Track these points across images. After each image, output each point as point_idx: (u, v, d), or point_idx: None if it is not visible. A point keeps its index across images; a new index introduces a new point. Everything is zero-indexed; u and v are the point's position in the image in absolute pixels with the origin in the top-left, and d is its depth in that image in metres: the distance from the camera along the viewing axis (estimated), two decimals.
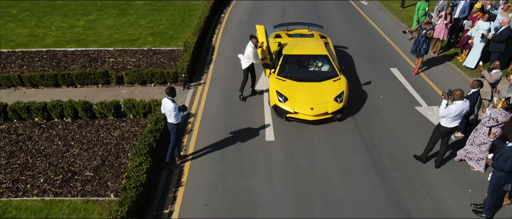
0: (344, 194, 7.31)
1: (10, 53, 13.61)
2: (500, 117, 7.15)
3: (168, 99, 7.46)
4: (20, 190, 7.35)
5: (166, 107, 7.50)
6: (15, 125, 9.41)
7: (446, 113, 7.33)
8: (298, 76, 10.04)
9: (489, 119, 7.27)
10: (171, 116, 7.51)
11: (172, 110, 7.40)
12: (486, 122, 7.33)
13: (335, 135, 9.12)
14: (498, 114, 7.17)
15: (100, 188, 7.42)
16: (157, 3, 20.23)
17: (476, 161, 7.84)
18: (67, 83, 11.40)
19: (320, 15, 18.42)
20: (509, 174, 6.18)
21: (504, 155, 6.13)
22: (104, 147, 8.62)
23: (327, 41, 12.18)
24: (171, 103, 7.40)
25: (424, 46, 11.35)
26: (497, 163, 6.25)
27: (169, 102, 7.43)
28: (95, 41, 14.85)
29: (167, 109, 7.50)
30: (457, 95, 7.25)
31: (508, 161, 6.03)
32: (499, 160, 6.21)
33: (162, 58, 13.09)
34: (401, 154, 8.43)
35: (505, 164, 6.08)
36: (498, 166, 6.21)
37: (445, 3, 13.49)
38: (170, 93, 7.42)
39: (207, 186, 7.55)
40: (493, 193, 6.53)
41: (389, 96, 10.75)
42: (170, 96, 7.43)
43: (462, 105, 7.27)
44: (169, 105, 7.42)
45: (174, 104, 7.42)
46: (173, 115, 7.47)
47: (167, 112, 7.55)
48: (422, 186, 7.49)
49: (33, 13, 18.56)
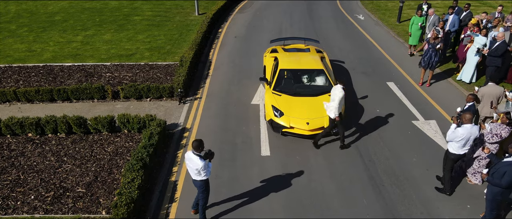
0: (340, 210, 7.17)
1: (7, 69, 13.60)
2: (503, 132, 7.05)
3: (194, 155, 6.11)
4: (10, 207, 7.21)
5: (193, 166, 6.20)
6: (8, 140, 9.31)
7: (452, 137, 6.87)
8: (294, 91, 10.00)
9: (493, 135, 7.14)
10: (199, 173, 6.27)
11: (202, 169, 6.16)
12: (490, 139, 7.19)
13: (331, 149, 9.02)
14: (501, 129, 7.07)
15: (91, 205, 7.28)
16: (156, 18, 20.37)
17: (472, 174, 7.76)
18: (63, 98, 11.34)
19: (317, 29, 18.53)
20: (505, 190, 6.07)
21: (500, 170, 6.03)
22: (97, 162, 8.50)
23: (324, 56, 12.19)
24: (199, 162, 6.08)
25: (436, 59, 11.62)
26: (492, 178, 6.15)
27: (196, 160, 6.10)
28: (92, 56, 14.87)
29: (194, 167, 6.20)
30: (466, 119, 6.72)
31: (505, 176, 5.93)
32: (495, 175, 6.11)
33: (159, 73, 13.08)
34: (398, 168, 8.32)
35: (502, 179, 5.98)
36: (494, 181, 6.11)
37: (435, 18, 13.66)
38: (197, 148, 6.08)
39: None
40: (492, 211, 6.41)
41: (386, 110, 10.69)
42: (197, 151, 6.11)
43: (470, 130, 6.78)
44: (197, 164, 6.12)
45: (203, 162, 6.09)
46: (202, 173, 6.26)
47: (194, 170, 6.27)
48: (420, 202, 7.35)
49: (32, 28, 18.65)
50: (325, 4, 24.46)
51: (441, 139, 9.32)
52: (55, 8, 22.85)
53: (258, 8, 23.48)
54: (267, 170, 8.28)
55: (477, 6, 22.66)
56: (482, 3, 23.55)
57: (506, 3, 22.92)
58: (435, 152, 8.85)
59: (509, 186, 6.01)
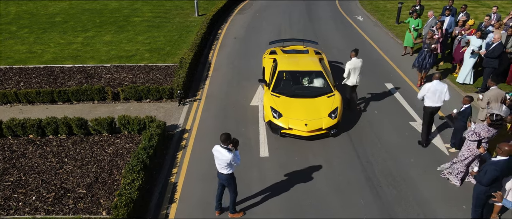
0: (338, 211, 7.26)
1: (8, 70, 13.70)
2: (483, 132, 7.17)
3: (222, 148, 6.17)
4: (12, 208, 7.30)
5: (222, 158, 6.21)
6: (10, 142, 9.40)
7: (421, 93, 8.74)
8: (292, 92, 10.09)
9: (473, 133, 7.31)
10: (226, 167, 6.34)
11: (232, 160, 6.19)
12: (469, 136, 7.38)
13: (330, 150, 9.11)
14: (481, 129, 7.21)
15: (92, 206, 7.37)
16: (155, 19, 20.46)
17: (455, 175, 7.87)
18: (63, 100, 11.44)
19: (316, 30, 18.63)
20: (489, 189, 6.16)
21: (484, 168, 6.14)
22: (98, 163, 8.59)
23: (322, 57, 12.28)
24: (228, 154, 6.12)
25: (429, 61, 11.64)
26: (478, 175, 6.25)
27: (225, 152, 6.14)
28: (93, 57, 14.96)
29: (224, 159, 6.21)
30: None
31: (487, 174, 6.03)
32: (480, 173, 6.22)
33: (159, 74, 13.17)
34: (396, 169, 8.41)
35: (484, 177, 6.09)
36: (479, 178, 6.22)
37: (434, 21, 13.77)
38: (225, 141, 6.10)
39: (200, 203, 7.50)
40: (476, 207, 6.52)
41: (384, 112, 10.78)
42: (225, 144, 6.14)
43: (436, 86, 8.53)
44: (226, 156, 6.14)
45: (231, 154, 6.12)
46: (233, 164, 6.33)
47: (223, 163, 6.30)
48: (416, 203, 7.44)
49: (33, 30, 18.75)
50: (324, 5, 24.57)
51: (439, 140, 9.41)
52: (55, 10, 22.95)
53: (258, 9, 23.58)
54: (266, 171, 8.37)
55: (476, 6, 22.76)
56: (480, 4, 23.65)
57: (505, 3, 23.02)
58: (433, 153, 8.94)
59: (489, 184, 6.11)
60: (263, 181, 8.05)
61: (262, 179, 8.12)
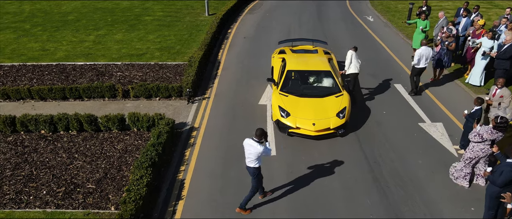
0: (344, 210, 7.26)
1: (21, 67, 13.97)
2: (485, 134, 7.12)
3: (254, 141, 6.40)
4: (23, 202, 7.46)
5: (253, 151, 6.43)
6: (22, 137, 9.60)
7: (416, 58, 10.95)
8: (300, 91, 10.10)
9: (476, 134, 7.27)
10: (255, 160, 6.55)
11: (263, 152, 6.42)
12: (472, 138, 7.34)
13: (337, 150, 9.10)
14: (485, 131, 7.16)
15: (101, 201, 7.49)
16: (166, 19, 20.64)
17: (463, 177, 7.82)
18: (75, 97, 11.63)
19: (325, 30, 18.59)
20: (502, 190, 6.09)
21: (499, 169, 6.07)
22: (107, 159, 8.73)
23: (331, 57, 12.26)
24: (259, 147, 6.35)
25: (446, 59, 11.95)
26: (492, 176, 6.19)
27: (256, 145, 6.37)
28: (104, 55, 15.16)
29: (255, 152, 6.43)
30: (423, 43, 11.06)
31: (502, 175, 5.96)
32: (495, 174, 6.15)
33: (168, 73, 13.30)
34: (403, 170, 8.36)
35: (499, 178, 6.02)
36: (493, 179, 6.16)
37: (444, 21, 13.61)
38: (260, 136, 6.35)
39: (207, 200, 7.56)
40: (490, 209, 6.44)
41: (393, 112, 10.73)
42: (259, 139, 6.37)
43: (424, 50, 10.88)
44: (257, 149, 6.37)
45: (262, 147, 6.36)
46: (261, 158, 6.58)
47: (253, 155, 6.50)
48: (423, 204, 7.39)
49: (46, 28, 19.07)
50: (334, 5, 24.49)
51: (448, 141, 9.33)
52: (68, 8, 23.30)
53: (268, 9, 23.61)
54: (273, 170, 8.40)
55: (488, 8, 22.45)
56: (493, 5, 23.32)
57: None
58: (441, 155, 8.87)
59: (503, 186, 6.04)
60: (270, 180, 8.08)
61: (269, 178, 8.14)
